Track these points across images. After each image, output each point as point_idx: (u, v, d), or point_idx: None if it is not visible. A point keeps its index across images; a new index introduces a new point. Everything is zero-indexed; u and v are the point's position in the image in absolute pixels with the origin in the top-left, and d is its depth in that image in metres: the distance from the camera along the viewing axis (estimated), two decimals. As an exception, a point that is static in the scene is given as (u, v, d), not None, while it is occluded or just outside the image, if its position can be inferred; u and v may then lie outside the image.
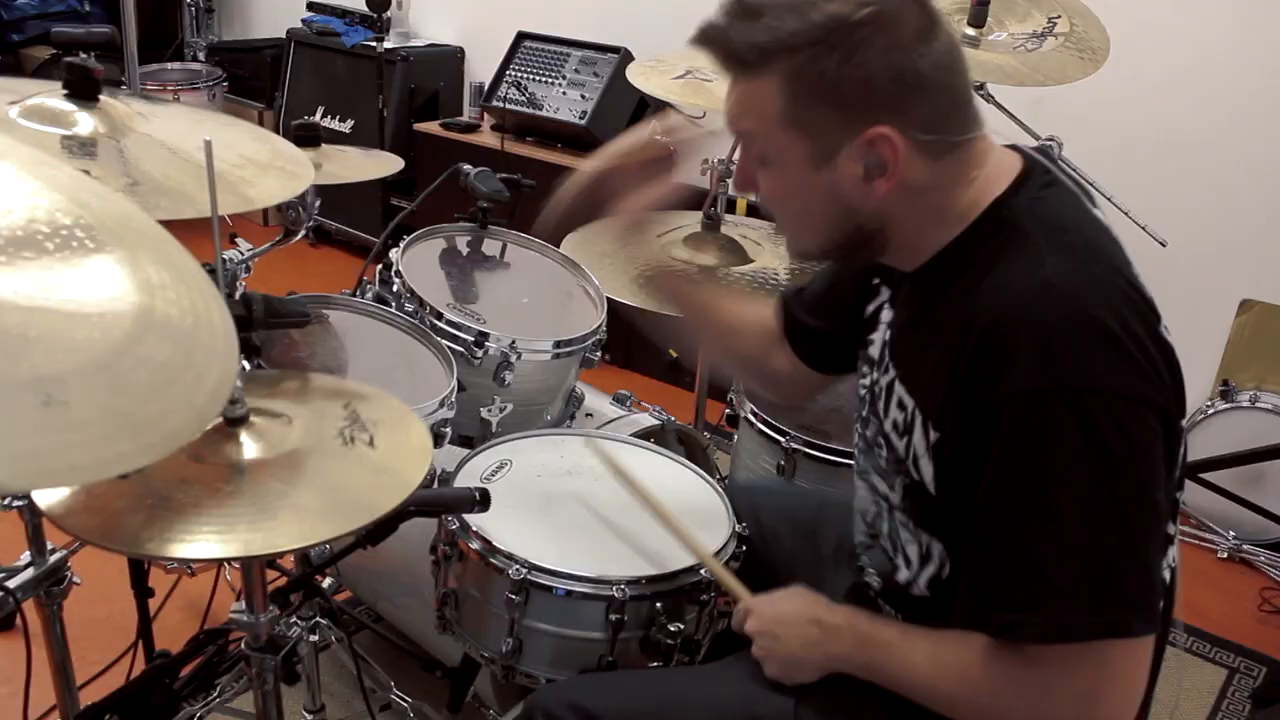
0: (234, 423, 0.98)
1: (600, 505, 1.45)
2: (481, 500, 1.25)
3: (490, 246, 2.04)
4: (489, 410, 1.75)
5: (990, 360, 0.94)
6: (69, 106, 1.16)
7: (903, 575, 1.14)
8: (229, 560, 1.74)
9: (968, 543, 1.01)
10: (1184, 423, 0.99)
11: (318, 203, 1.71)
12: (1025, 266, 0.96)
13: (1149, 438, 0.93)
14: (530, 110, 3.49)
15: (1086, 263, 0.97)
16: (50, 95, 1.17)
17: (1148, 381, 0.93)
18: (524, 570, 1.29)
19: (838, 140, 0.97)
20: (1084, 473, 0.91)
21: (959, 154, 1.01)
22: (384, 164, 1.85)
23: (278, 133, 4.56)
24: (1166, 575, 1.04)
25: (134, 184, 1.07)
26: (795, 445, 1.83)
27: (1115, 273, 0.97)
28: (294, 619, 1.56)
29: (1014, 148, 1.08)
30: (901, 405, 1.08)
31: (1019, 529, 0.94)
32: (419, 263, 1.88)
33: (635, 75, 2.08)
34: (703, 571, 1.32)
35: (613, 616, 1.29)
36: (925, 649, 1.04)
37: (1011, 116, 1.98)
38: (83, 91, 1.15)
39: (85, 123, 1.15)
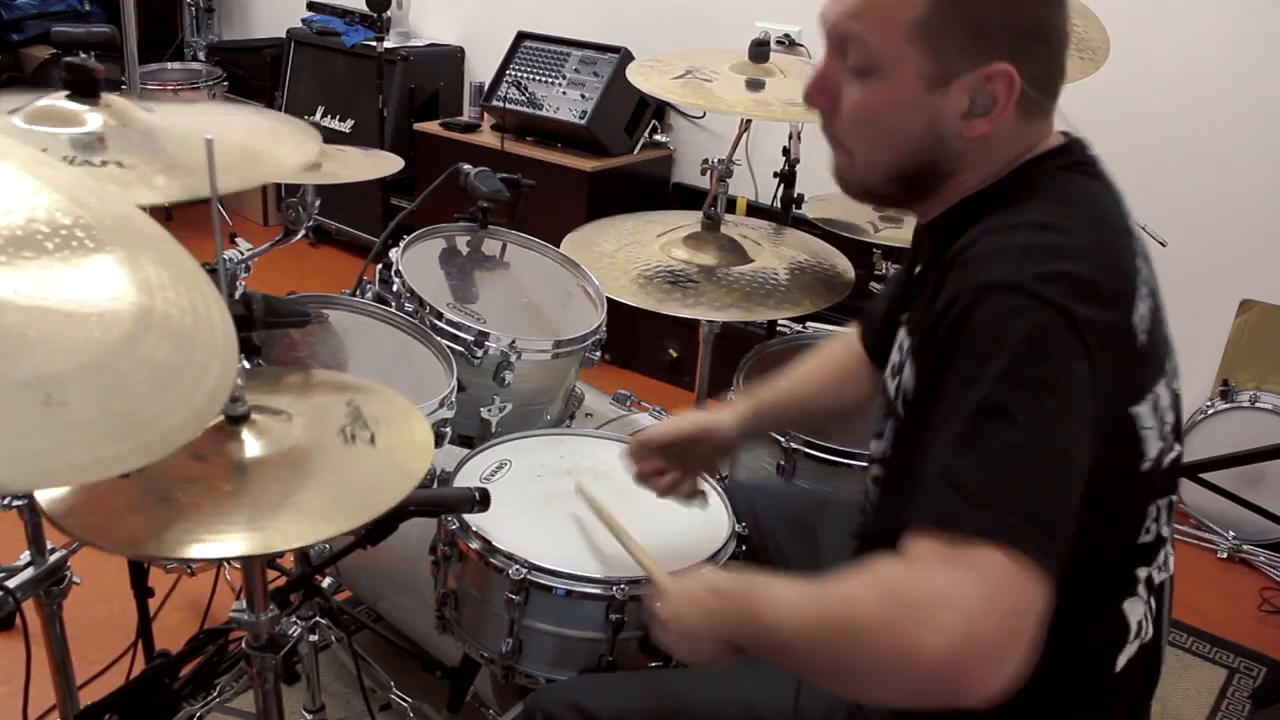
0: (235, 421, 0.98)
1: (590, 511, 1.45)
2: (481, 500, 1.25)
3: (490, 246, 2.04)
4: (489, 410, 1.75)
5: (954, 271, 0.92)
6: (75, 106, 1.16)
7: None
8: (229, 560, 1.74)
9: (899, 451, 0.98)
10: (1184, 423, 0.97)
11: (318, 202, 1.71)
12: (1018, 212, 0.96)
13: (1083, 373, 0.87)
14: (530, 110, 3.49)
15: (1079, 223, 0.95)
16: (54, 98, 1.17)
17: (1089, 305, 0.88)
18: (524, 570, 1.29)
19: (960, 66, 0.95)
20: (1017, 370, 0.85)
21: (1038, 122, 1.01)
22: (384, 164, 1.85)
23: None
24: (1156, 579, 1.03)
25: (168, 167, 1.08)
26: (795, 445, 1.83)
27: (1106, 245, 0.95)
28: (294, 618, 1.55)
29: (1065, 133, 1.06)
30: (900, 348, 1.06)
31: (937, 421, 0.88)
32: (419, 262, 1.88)
33: (635, 75, 2.07)
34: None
35: (613, 616, 1.29)
36: (801, 586, 0.93)
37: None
38: (83, 91, 1.15)
39: (94, 120, 1.15)
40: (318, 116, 4.09)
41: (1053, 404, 0.85)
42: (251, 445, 0.98)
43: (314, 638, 1.67)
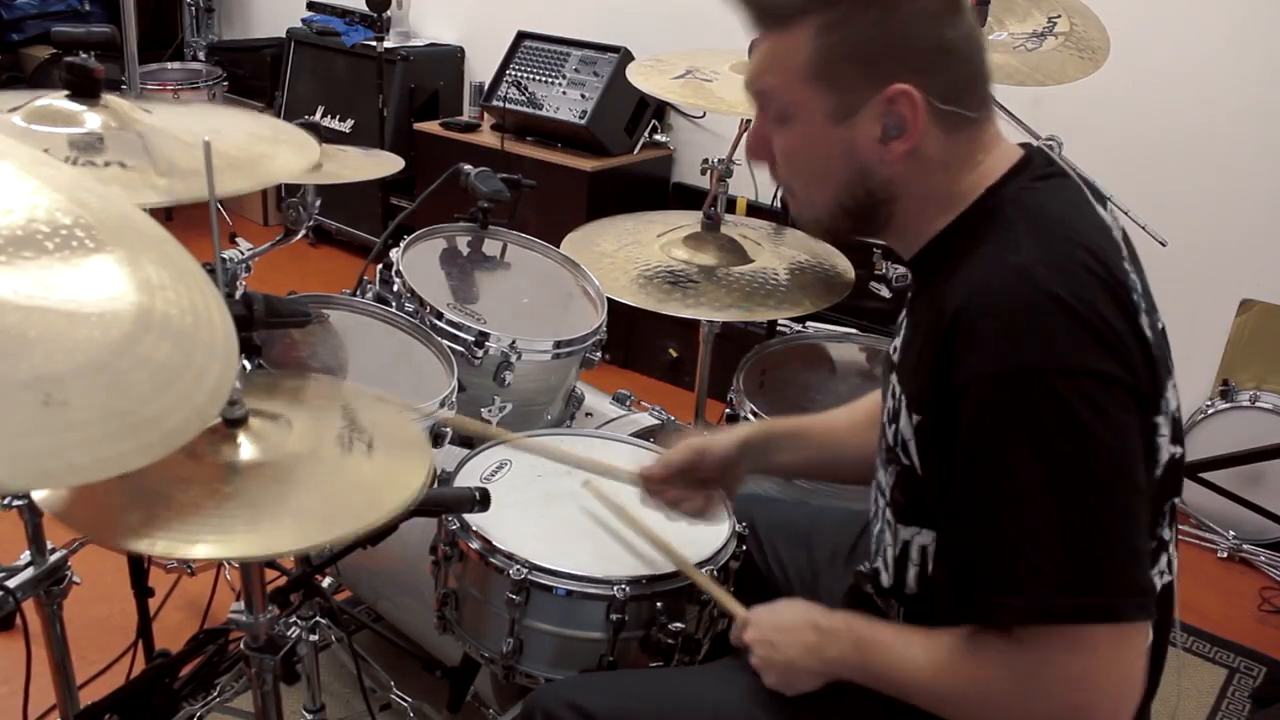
0: (233, 424, 0.98)
1: (600, 505, 1.45)
2: (481, 500, 1.25)
3: (490, 246, 2.04)
4: (489, 410, 1.75)
5: (958, 344, 0.94)
6: (74, 107, 1.16)
7: (884, 579, 1.14)
8: (228, 560, 1.74)
9: (947, 530, 1.01)
10: (1184, 423, 0.98)
11: (318, 202, 1.71)
12: (997, 251, 0.96)
13: (1124, 415, 0.91)
14: (530, 110, 3.49)
15: (1060, 247, 0.96)
16: (53, 98, 1.17)
17: (1116, 359, 0.91)
18: (524, 570, 1.29)
19: (860, 96, 0.99)
20: (1058, 451, 0.89)
21: (971, 133, 1.02)
22: (384, 164, 1.85)
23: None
24: (1159, 582, 1.03)
25: (167, 170, 1.08)
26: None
27: (1091, 258, 0.96)
28: (294, 619, 1.56)
29: (1025, 145, 1.08)
30: (893, 394, 1.08)
31: (993, 512, 0.92)
32: (419, 263, 1.88)
33: (635, 75, 2.07)
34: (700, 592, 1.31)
35: (613, 616, 1.29)
36: (920, 644, 1.03)
37: (1011, 116, 1.98)
38: (84, 91, 1.15)
39: (93, 120, 1.15)
40: (318, 116, 4.09)
41: (1106, 468, 0.91)
42: (248, 449, 0.97)
43: (314, 638, 1.67)
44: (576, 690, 1.20)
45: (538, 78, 3.55)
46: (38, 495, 0.91)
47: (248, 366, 1.30)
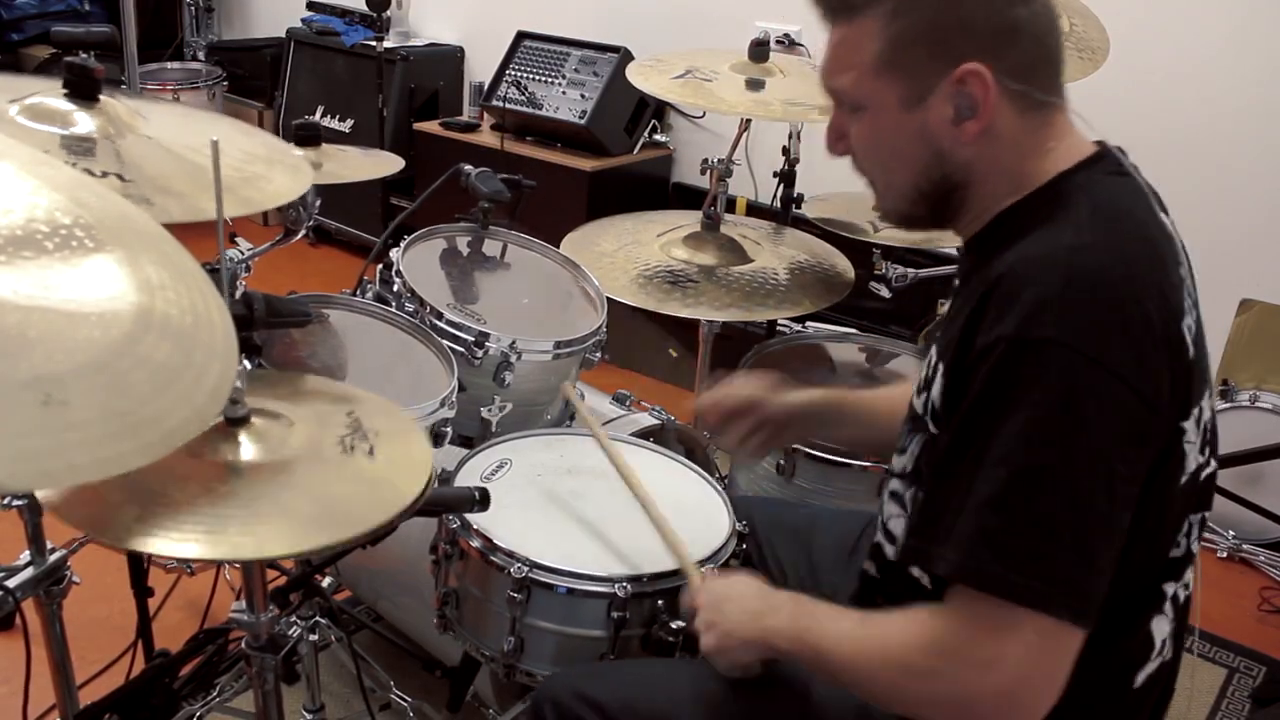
0: (234, 423, 0.98)
1: (600, 504, 1.45)
2: (481, 499, 1.25)
3: (491, 247, 2.03)
4: (489, 410, 1.74)
5: (992, 306, 0.93)
6: (69, 106, 1.15)
7: (888, 550, 1.13)
8: (225, 560, 1.74)
9: (926, 482, 1.01)
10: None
11: (318, 202, 1.71)
12: (1057, 230, 0.96)
13: (1124, 422, 0.90)
14: (530, 110, 3.49)
15: (1119, 236, 0.95)
16: (50, 94, 1.17)
17: (1141, 366, 0.90)
18: (525, 568, 1.29)
19: (931, 80, 1.00)
20: (1050, 432, 0.89)
21: (1044, 116, 1.02)
22: (384, 164, 1.85)
23: (277, 132, 4.56)
24: (1183, 595, 1.03)
25: (130, 183, 1.07)
26: (794, 445, 1.83)
27: (1150, 252, 0.95)
28: (294, 618, 1.56)
29: (1099, 142, 1.07)
30: (929, 363, 1.08)
31: (970, 469, 0.91)
32: (419, 263, 1.88)
33: (635, 75, 2.07)
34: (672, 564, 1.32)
35: (614, 614, 1.29)
36: (854, 616, 1.04)
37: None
38: (83, 91, 1.15)
39: (85, 123, 1.14)
40: (317, 116, 4.09)
41: (1090, 466, 0.89)
42: (249, 449, 0.97)
43: (314, 637, 1.68)
44: (586, 681, 1.20)
45: (538, 78, 3.55)
46: (39, 494, 0.90)
47: (248, 366, 1.29)
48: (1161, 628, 1.04)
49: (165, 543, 0.87)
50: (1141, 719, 1.08)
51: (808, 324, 2.54)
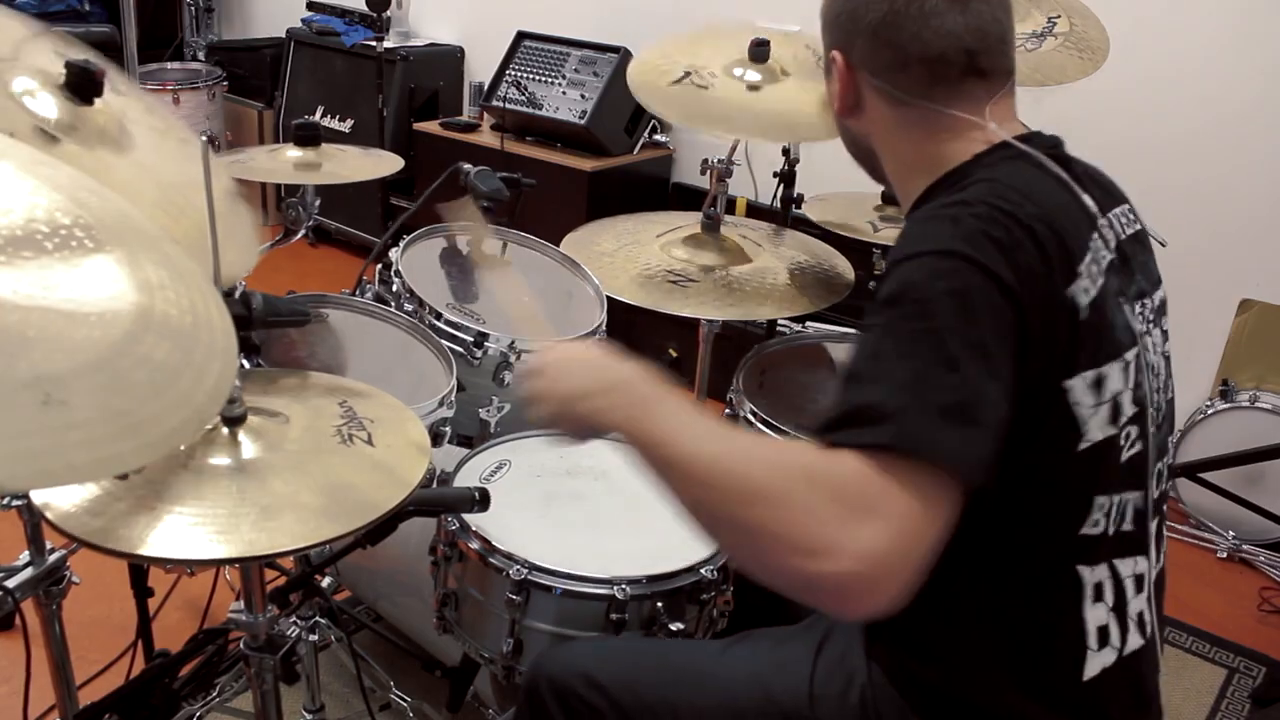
0: (231, 422, 0.98)
1: (600, 505, 1.45)
2: (481, 500, 1.25)
3: (490, 246, 2.03)
4: (488, 410, 1.74)
5: (891, 252, 1.00)
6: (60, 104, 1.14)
7: None
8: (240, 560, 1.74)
9: None
10: (1181, 423, 0.96)
11: (318, 202, 1.71)
12: (951, 196, 1.01)
13: (987, 299, 0.90)
14: (530, 110, 3.49)
15: (1004, 193, 0.97)
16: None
17: (1008, 264, 0.91)
18: (524, 570, 1.29)
19: (826, 57, 1.13)
20: (905, 299, 0.92)
21: (923, 113, 1.07)
22: (384, 163, 1.85)
23: (277, 132, 4.54)
24: (1129, 583, 1.02)
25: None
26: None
27: (1034, 208, 0.96)
28: (293, 618, 1.56)
29: (1023, 136, 1.08)
30: None
31: (856, 357, 0.92)
32: (419, 262, 1.88)
33: (634, 78, 2.07)
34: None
35: (613, 616, 1.29)
36: (715, 422, 0.92)
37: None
38: (83, 91, 1.15)
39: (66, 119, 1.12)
40: (317, 116, 4.09)
41: (968, 343, 0.88)
42: (248, 447, 0.97)
43: (313, 638, 1.68)
44: (585, 658, 1.20)
45: (537, 78, 3.55)
46: (39, 502, 0.90)
47: (246, 365, 1.30)
48: (1097, 615, 1.01)
49: (172, 546, 0.88)
50: (1109, 714, 1.04)
51: (808, 324, 2.54)
